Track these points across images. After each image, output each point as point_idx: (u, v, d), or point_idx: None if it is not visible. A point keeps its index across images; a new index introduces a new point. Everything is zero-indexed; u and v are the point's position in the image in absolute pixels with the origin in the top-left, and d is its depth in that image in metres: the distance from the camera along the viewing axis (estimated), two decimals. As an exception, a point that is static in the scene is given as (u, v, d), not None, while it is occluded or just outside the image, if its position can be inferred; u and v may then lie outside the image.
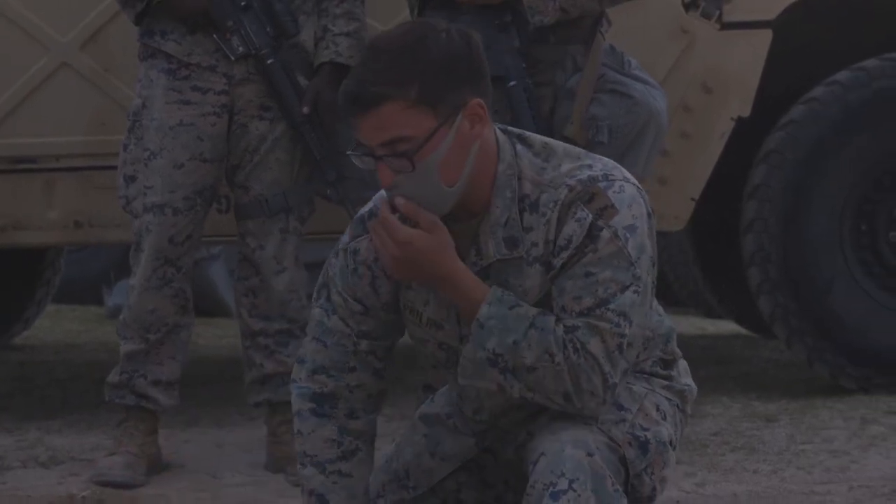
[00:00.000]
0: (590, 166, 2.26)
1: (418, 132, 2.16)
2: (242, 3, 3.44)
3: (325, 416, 2.37)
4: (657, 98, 3.36)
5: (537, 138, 2.31)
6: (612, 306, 2.19)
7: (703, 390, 4.26)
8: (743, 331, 5.68)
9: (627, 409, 2.34)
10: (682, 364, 2.48)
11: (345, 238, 2.38)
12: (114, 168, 3.70)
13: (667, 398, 2.41)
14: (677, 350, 2.48)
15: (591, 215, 2.21)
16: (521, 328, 2.20)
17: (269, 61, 3.45)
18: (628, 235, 2.22)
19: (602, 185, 2.23)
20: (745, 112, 4.05)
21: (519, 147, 2.27)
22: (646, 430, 2.33)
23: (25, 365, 5.26)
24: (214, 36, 3.45)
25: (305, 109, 3.45)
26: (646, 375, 2.40)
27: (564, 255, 2.21)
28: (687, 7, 4.02)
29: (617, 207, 2.22)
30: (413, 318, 2.34)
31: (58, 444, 3.84)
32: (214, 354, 5.58)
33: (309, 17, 3.54)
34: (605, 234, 2.20)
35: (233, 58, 3.46)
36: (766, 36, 4.04)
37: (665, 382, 2.42)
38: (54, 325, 6.41)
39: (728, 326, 6.01)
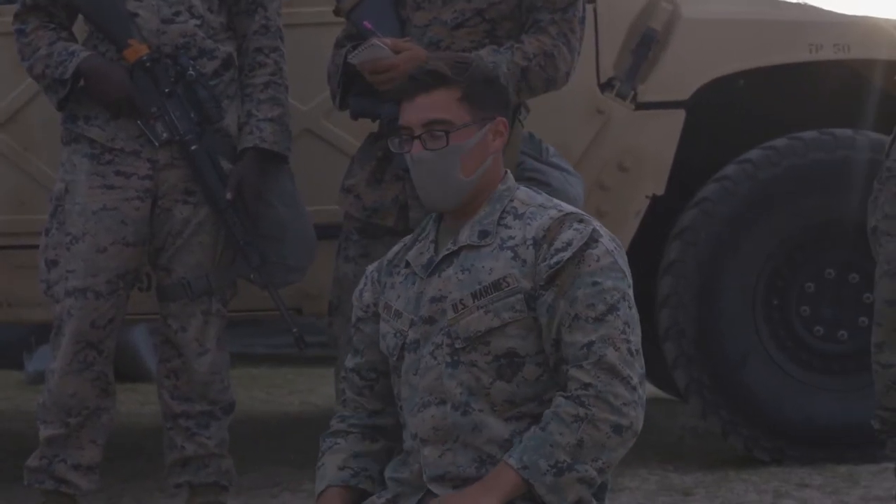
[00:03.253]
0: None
1: (457, 121, 2.55)
2: (166, 90, 3.47)
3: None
4: (574, 185, 3.43)
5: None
6: (620, 313, 2.46)
7: (621, 461, 4.36)
8: (662, 394, 5.77)
9: None
10: None
11: None
12: (34, 247, 3.70)
13: None
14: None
15: (591, 228, 2.50)
16: (542, 441, 2.45)
17: (192, 147, 3.48)
18: (617, 254, 2.52)
19: (587, 217, 2.56)
20: (660, 190, 4.15)
21: (522, 184, 2.65)
22: None
23: (-57, 436, 5.21)
24: (138, 122, 3.48)
25: (229, 195, 3.48)
26: None
27: (563, 255, 2.48)
28: (602, 88, 4.11)
29: (602, 234, 2.53)
30: (386, 314, 2.62)
31: (-24, 526, 3.81)
32: (135, 423, 5.56)
33: (232, 101, 3.58)
34: (602, 247, 2.50)
35: (157, 143, 3.48)
36: (680, 116, 4.14)
37: None
38: (-28, 392, 6.36)
39: (648, 389, 6.09)
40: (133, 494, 4.14)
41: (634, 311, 2.50)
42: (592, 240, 2.48)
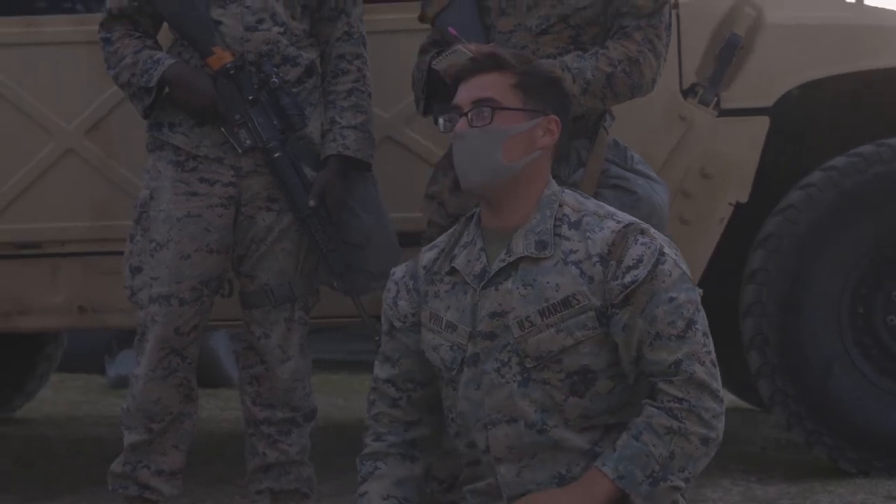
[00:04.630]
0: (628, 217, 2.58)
1: (506, 103, 2.53)
2: (250, 97, 3.48)
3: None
4: (659, 192, 3.40)
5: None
6: (698, 326, 2.47)
7: (703, 472, 4.31)
8: (743, 404, 5.71)
9: None
10: None
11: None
12: (118, 253, 3.73)
13: None
14: None
15: (657, 242, 2.48)
16: (637, 451, 2.43)
17: (276, 154, 3.49)
18: (681, 263, 2.52)
19: (645, 225, 2.54)
20: (744, 197, 4.11)
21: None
22: None
23: (26, 440, 5.27)
24: (222, 129, 3.49)
25: (312, 202, 3.49)
26: None
27: (636, 274, 2.46)
28: (685, 94, 4.08)
29: (663, 243, 2.52)
30: (434, 325, 2.57)
31: (61, 530, 3.85)
32: (216, 429, 5.59)
33: (315, 108, 3.58)
34: (670, 259, 2.49)
35: (240, 150, 3.50)
36: (764, 122, 4.09)
37: None
38: (56, 396, 6.43)
39: (728, 398, 6.04)
40: (215, 499, 4.16)
41: (704, 315, 2.51)
42: (661, 254, 2.47)
